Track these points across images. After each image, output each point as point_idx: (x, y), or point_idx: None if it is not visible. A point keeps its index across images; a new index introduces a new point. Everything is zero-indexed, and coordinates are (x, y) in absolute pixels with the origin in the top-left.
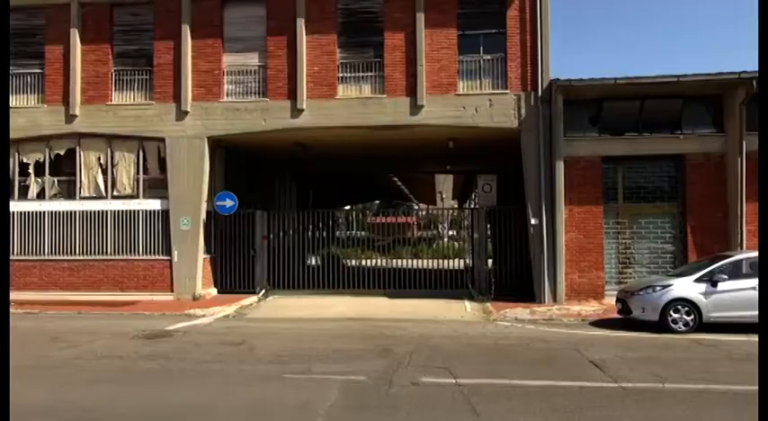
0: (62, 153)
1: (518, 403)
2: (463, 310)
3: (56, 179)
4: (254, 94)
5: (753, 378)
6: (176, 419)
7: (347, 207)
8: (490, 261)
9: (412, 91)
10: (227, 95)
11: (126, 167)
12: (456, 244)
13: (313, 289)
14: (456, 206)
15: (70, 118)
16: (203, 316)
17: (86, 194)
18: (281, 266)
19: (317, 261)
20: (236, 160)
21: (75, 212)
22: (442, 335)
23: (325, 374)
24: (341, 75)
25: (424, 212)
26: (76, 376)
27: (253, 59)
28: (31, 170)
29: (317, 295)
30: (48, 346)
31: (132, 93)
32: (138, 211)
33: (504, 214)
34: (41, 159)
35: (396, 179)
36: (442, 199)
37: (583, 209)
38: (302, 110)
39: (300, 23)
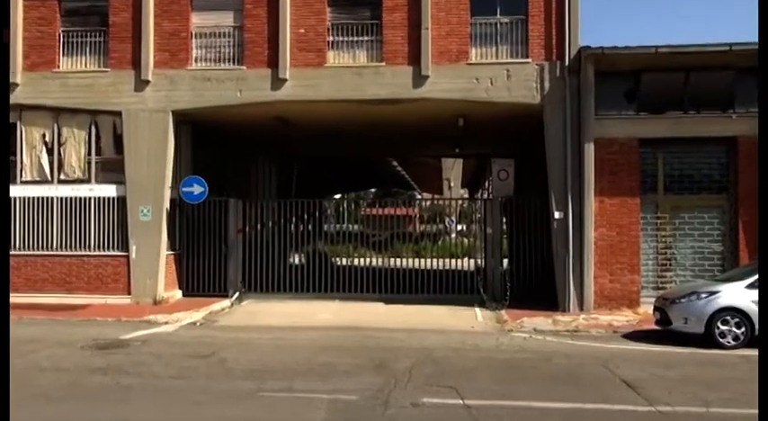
0: None
1: None
2: (473, 319)
3: None
4: (228, 60)
5: None
6: None
7: (337, 196)
8: (505, 261)
9: (415, 59)
10: (196, 62)
11: (75, 146)
12: (465, 240)
13: (296, 292)
14: (466, 196)
15: (10, 87)
16: (166, 323)
17: (28, 178)
18: (259, 265)
19: (300, 259)
20: (206, 139)
21: (14, 199)
22: (448, 348)
23: (310, 393)
24: (331, 39)
25: (428, 203)
26: (16, 393)
27: (227, 20)
28: None
29: (301, 299)
30: None
31: (83, 58)
32: (90, 199)
33: (522, 206)
34: None
35: (395, 163)
36: (449, 187)
37: (616, 200)
38: (285, 80)
39: None
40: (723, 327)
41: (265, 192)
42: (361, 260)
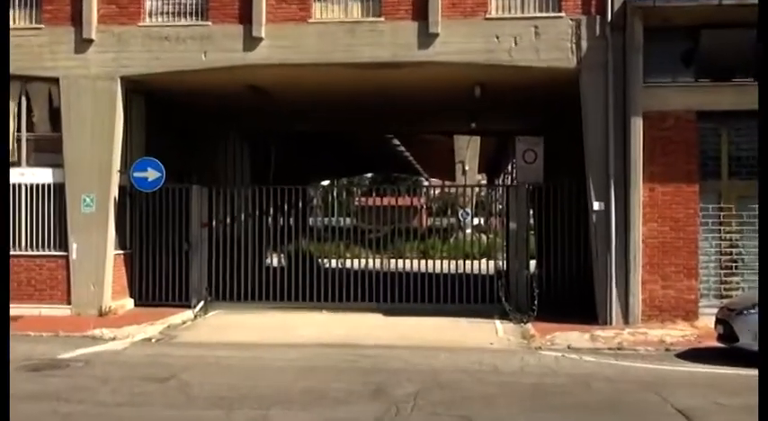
0: None
1: None
2: (492, 334)
3: None
4: (190, 15)
5: None
6: None
7: (325, 182)
8: (532, 263)
9: (421, 12)
10: (150, 17)
11: None
12: (483, 237)
13: (274, 301)
14: (484, 182)
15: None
16: (114, 339)
17: None
18: (229, 268)
19: (280, 260)
20: (164, 112)
21: None
22: (461, 370)
23: None
24: None
25: (437, 191)
26: None
27: None
28: None
29: (281, 310)
30: None
31: (10, 11)
32: (20, 186)
33: (553, 195)
34: None
35: (396, 143)
36: (463, 172)
37: (669, 188)
38: (260, 39)
39: None
40: None
41: (237, 177)
42: (355, 262)
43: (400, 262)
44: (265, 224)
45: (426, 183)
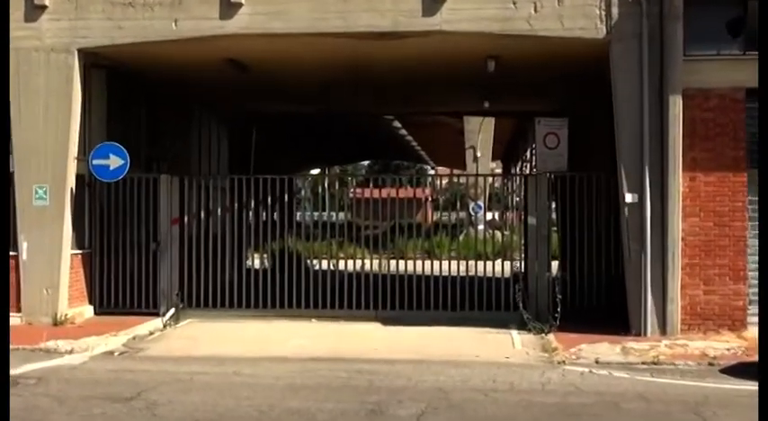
0: None
1: None
2: (509, 346)
3: None
4: None
5: None
6: None
7: (315, 171)
8: (555, 264)
9: None
10: None
11: None
12: (498, 235)
13: (256, 308)
14: (499, 171)
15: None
16: (71, 351)
17: None
18: (204, 270)
19: (263, 261)
20: (128, 90)
21: None
22: (473, 388)
23: None
24: None
25: (444, 181)
26: None
27: None
28: None
29: (264, 319)
30: None
31: None
32: None
33: (579, 185)
34: None
35: (397, 125)
36: (475, 159)
37: (713, 177)
38: (239, 4)
39: None
40: None
41: (213, 165)
42: (350, 263)
43: (402, 263)
44: (246, 220)
45: (432, 172)
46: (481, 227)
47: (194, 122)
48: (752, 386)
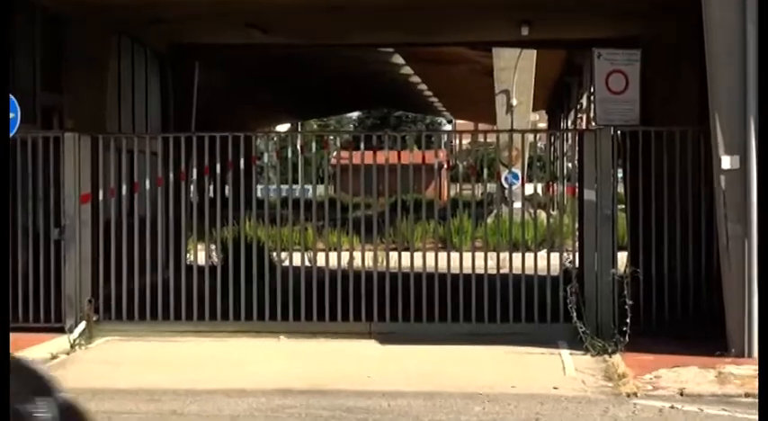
0: None
1: None
2: (558, 372)
3: None
4: None
5: None
6: None
7: (283, 127)
8: (622, 256)
9: None
10: None
11: None
12: (542, 215)
13: (201, 321)
14: (543, 126)
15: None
16: None
17: None
18: (126, 267)
19: (209, 255)
20: (14, 13)
21: None
22: None
23: None
24: None
25: (466, 141)
26: None
27: None
28: None
29: (212, 335)
30: None
31: None
32: None
33: (657, 146)
34: None
35: (399, 61)
36: (509, 109)
37: None
38: None
39: None
40: None
41: (139, 120)
42: (332, 257)
43: (406, 257)
44: (186, 196)
45: (448, 128)
46: (518, 204)
47: (112, 58)
48: None
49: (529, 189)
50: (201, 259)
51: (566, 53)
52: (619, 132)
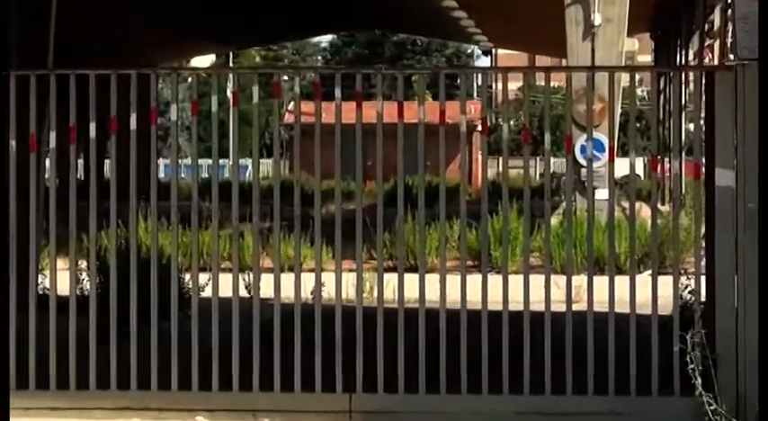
0: None
1: None
2: None
3: None
4: None
5: None
6: None
7: (204, 60)
8: None
9: None
10: None
11: None
12: (644, 210)
13: (63, 390)
14: (646, 60)
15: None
16: None
17: None
18: None
19: (78, 279)
20: None
21: None
22: None
23: None
24: None
25: (512, 87)
26: None
27: None
28: None
29: (81, 416)
30: None
31: None
32: None
33: None
34: None
35: None
36: (588, 32)
37: None
38: None
39: None
40: None
41: None
42: (287, 281)
43: (412, 281)
44: (37, 178)
45: (485, 63)
46: (603, 193)
47: None
48: None
49: (622, 167)
50: (65, 286)
51: None
52: None
